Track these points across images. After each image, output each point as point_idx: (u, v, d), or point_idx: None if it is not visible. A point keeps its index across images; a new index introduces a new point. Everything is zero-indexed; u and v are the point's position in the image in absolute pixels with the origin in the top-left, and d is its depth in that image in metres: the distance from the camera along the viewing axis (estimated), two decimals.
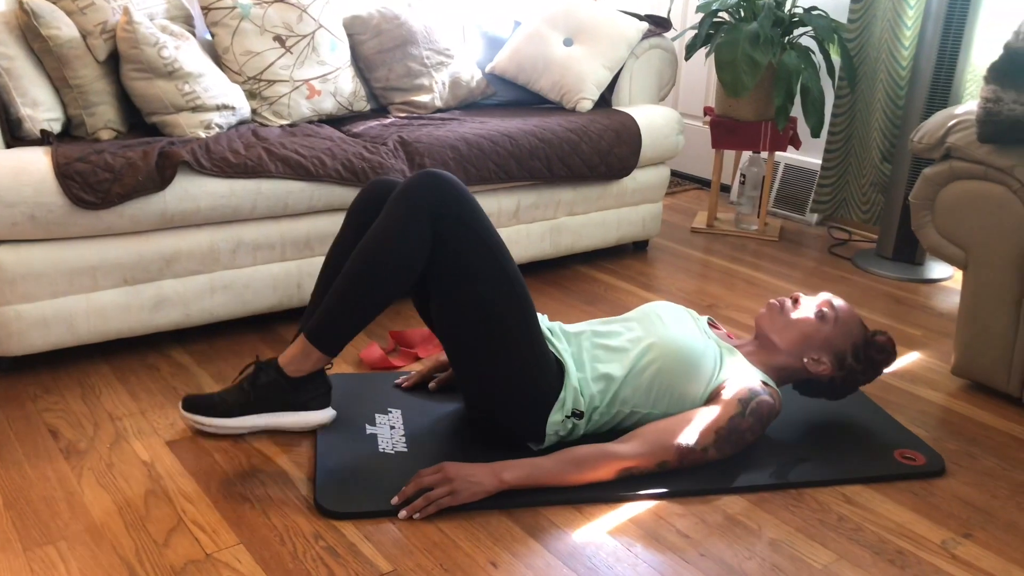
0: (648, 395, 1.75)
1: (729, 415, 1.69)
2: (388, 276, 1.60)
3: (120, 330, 2.08)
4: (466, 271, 1.61)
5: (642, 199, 2.94)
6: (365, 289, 1.61)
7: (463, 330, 1.66)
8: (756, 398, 1.71)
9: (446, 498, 1.57)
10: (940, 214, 2.09)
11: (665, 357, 1.74)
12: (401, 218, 1.60)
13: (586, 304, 2.60)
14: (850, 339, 1.83)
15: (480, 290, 1.62)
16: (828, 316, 1.83)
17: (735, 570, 1.48)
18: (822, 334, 1.82)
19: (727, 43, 2.89)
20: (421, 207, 1.60)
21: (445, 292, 1.64)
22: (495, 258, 1.63)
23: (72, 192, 1.90)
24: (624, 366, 1.75)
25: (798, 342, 1.82)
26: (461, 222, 1.62)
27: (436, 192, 1.61)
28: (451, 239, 1.61)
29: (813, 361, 1.82)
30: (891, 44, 3.08)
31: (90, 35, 2.15)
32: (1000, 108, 1.89)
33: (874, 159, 3.21)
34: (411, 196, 1.61)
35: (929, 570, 1.50)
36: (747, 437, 1.71)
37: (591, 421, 1.76)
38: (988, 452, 1.89)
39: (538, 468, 1.62)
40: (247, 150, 2.14)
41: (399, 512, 1.57)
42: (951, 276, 2.96)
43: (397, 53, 2.67)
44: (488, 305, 1.62)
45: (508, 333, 1.64)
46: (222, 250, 2.15)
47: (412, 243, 1.59)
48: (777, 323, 1.85)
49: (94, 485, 1.64)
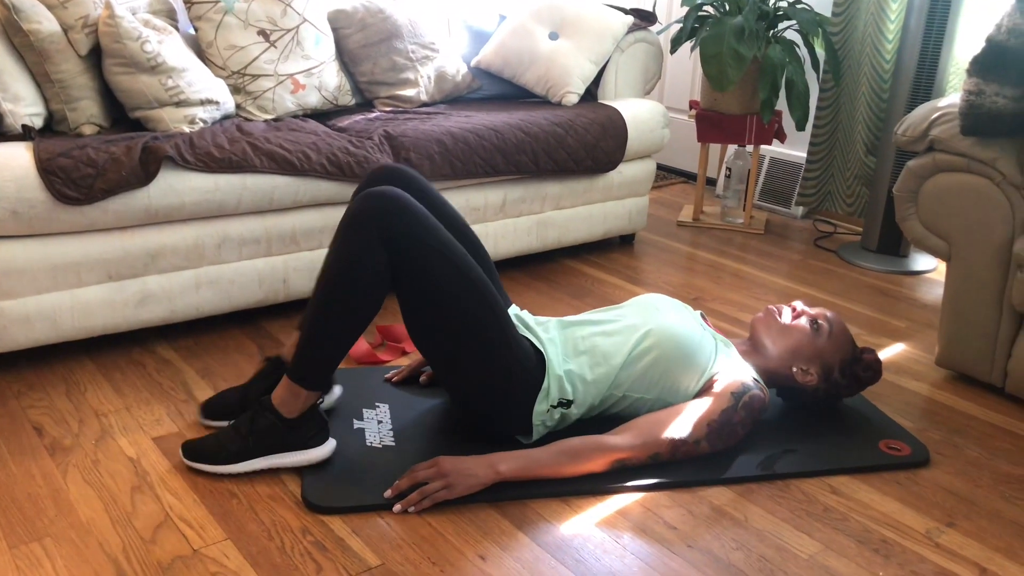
0: (642, 381, 1.76)
1: (722, 408, 1.70)
2: (353, 307, 1.58)
3: (105, 326, 2.07)
4: (425, 282, 1.60)
5: (628, 193, 2.94)
6: (333, 323, 1.58)
7: (431, 335, 1.66)
8: (748, 392, 1.72)
9: (442, 492, 1.58)
10: (924, 206, 2.11)
11: (663, 344, 1.75)
12: (354, 249, 1.57)
13: (573, 298, 2.60)
14: (840, 354, 1.86)
15: (441, 298, 1.61)
16: (823, 329, 1.85)
17: (722, 561, 1.49)
18: (814, 345, 1.84)
19: (712, 37, 2.89)
20: (370, 235, 1.56)
21: (408, 303, 1.64)
22: (452, 264, 1.61)
23: (55, 188, 1.89)
24: (622, 352, 1.76)
25: (790, 350, 1.84)
26: (412, 238, 1.59)
27: (382, 215, 1.57)
28: (406, 257, 1.59)
29: (801, 371, 1.84)
30: (875, 38, 3.09)
31: (72, 29, 2.13)
32: (982, 101, 1.90)
33: (859, 152, 3.23)
34: (358, 224, 1.57)
35: (913, 559, 1.52)
36: (739, 431, 1.72)
37: (585, 407, 1.76)
38: (972, 442, 1.90)
39: (533, 460, 1.63)
40: (232, 145, 2.13)
41: (394, 506, 1.57)
42: (935, 268, 2.98)
43: (382, 47, 2.66)
44: (451, 310, 1.62)
45: (475, 332, 1.64)
46: (207, 245, 2.14)
47: (369, 272, 1.57)
48: (772, 328, 1.87)
49: (79, 482, 1.64)
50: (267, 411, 1.64)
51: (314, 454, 1.66)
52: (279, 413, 1.63)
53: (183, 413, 1.88)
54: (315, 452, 1.67)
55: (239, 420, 1.67)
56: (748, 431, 1.75)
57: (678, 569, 1.46)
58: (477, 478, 1.59)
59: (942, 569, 1.49)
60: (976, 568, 1.50)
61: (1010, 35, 1.85)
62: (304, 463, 1.66)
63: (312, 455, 1.66)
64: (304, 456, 1.66)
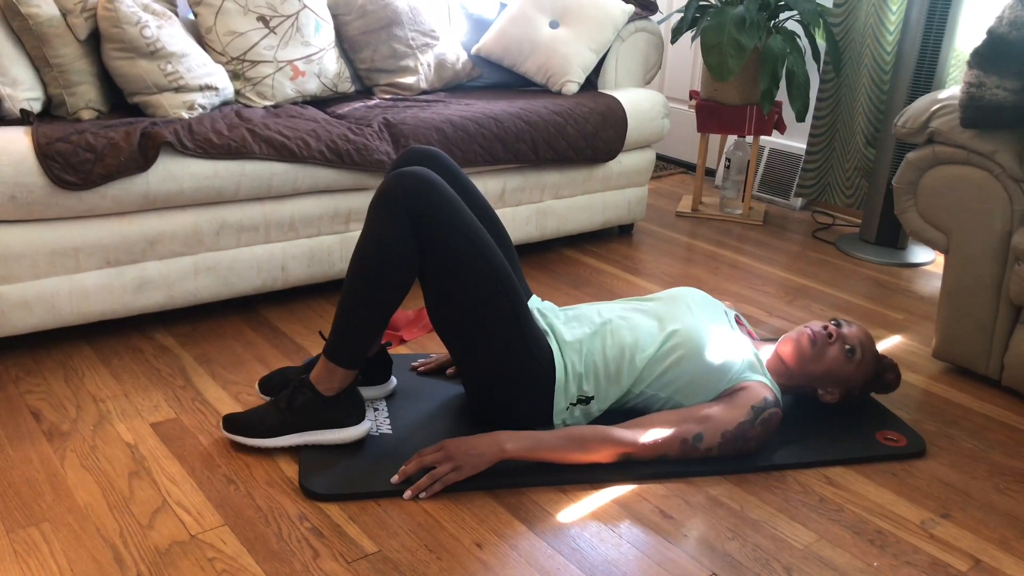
0: (662, 380, 1.75)
1: (739, 420, 1.68)
2: (383, 286, 1.60)
3: (103, 312, 2.07)
4: (448, 263, 1.61)
5: (627, 183, 2.94)
6: (365, 302, 1.61)
7: (449, 318, 1.67)
8: (768, 408, 1.70)
9: (451, 475, 1.59)
10: (923, 198, 2.11)
11: (688, 346, 1.73)
12: (382, 227, 1.59)
13: (572, 288, 2.60)
14: (865, 377, 1.84)
15: (463, 281, 1.62)
16: (855, 357, 1.80)
17: (717, 550, 1.50)
18: (845, 372, 1.81)
19: (713, 26, 2.88)
20: (398, 213, 1.58)
21: (429, 283, 1.65)
22: (476, 248, 1.62)
23: (53, 172, 1.88)
24: (648, 350, 1.74)
25: (819, 375, 1.81)
26: (440, 221, 1.60)
27: (411, 195, 1.59)
28: (431, 236, 1.60)
29: (826, 392, 1.83)
30: (876, 29, 3.08)
31: (70, 13, 2.12)
32: (983, 93, 1.90)
33: (858, 144, 3.23)
34: (388, 202, 1.59)
35: (908, 549, 1.52)
36: (751, 445, 1.71)
37: (608, 402, 1.76)
38: (967, 434, 1.91)
39: (540, 442, 1.63)
40: (230, 131, 2.12)
41: (404, 492, 1.58)
42: (933, 260, 2.98)
43: (382, 34, 2.65)
44: (470, 294, 1.63)
45: (492, 318, 1.65)
46: (205, 232, 2.14)
47: (398, 252, 1.59)
48: (807, 353, 1.80)
49: (77, 467, 1.64)
50: (305, 388, 1.67)
51: (348, 433, 1.69)
52: (317, 390, 1.66)
53: (181, 399, 1.88)
54: (350, 432, 1.69)
55: (279, 396, 1.70)
56: (760, 446, 1.74)
57: (674, 558, 1.47)
58: (483, 456, 1.60)
59: (936, 560, 1.50)
60: (970, 559, 1.51)
61: (1011, 27, 1.85)
62: (338, 441, 1.69)
63: (348, 434, 1.69)
64: (339, 435, 1.69)
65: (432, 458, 1.61)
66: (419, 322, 2.28)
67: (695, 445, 1.67)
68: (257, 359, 2.08)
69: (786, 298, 2.61)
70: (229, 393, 1.92)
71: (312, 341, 2.18)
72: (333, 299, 2.43)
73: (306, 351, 2.13)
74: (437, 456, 1.61)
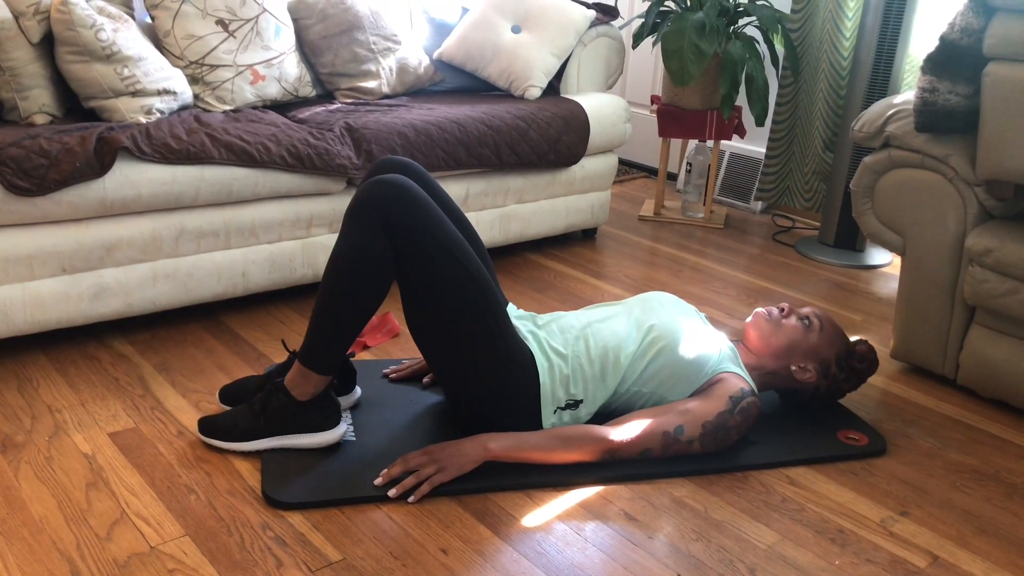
0: (645, 376, 1.76)
1: (718, 410, 1.71)
2: (358, 295, 1.60)
3: (59, 320, 2.03)
4: (425, 271, 1.61)
5: (590, 187, 2.95)
6: (337, 308, 1.61)
7: (427, 326, 1.67)
8: (746, 398, 1.73)
9: (437, 475, 1.59)
10: (879, 201, 2.14)
11: (667, 340, 1.75)
12: (359, 234, 1.59)
13: (536, 292, 2.60)
14: (834, 348, 1.87)
15: (439, 288, 1.62)
16: (814, 325, 1.86)
17: (682, 551, 1.51)
18: (808, 341, 1.85)
19: (674, 32, 2.91)
20: (375, 220, 1.58)
21: (407, 291, 1.65)
22: (452, 255, 1.62)
23: (6, 178, 1.84)
24: (629, 348, 1.75)
25: (785, 348, 1.85)
26: (416, 229, 1.60)
27: (388, 202, 1.59)
28: (407, 244, 1.60)
29: (800, 369, 1.85)
30: (833, 35, 3.14)
31: (23, 16, 2.08)
32: (936, 98, 1.94)
33: (817, 148, 3.27)
34: (364, 210, 1.59)
35: (868, 547, 1.55)
36: (732, 435, 1.73)
37: (597, 404, 1.76)
38: (925, 432, 1.94)
39: (524, 441, 1.64)
40: (189, 136, 2.10)
41: (389, 491, 1.58)
42: (891, 262, 3.04)
43: (343, 38, 2.64)
44: (448, 301, 1.62)
45: (471, 325, 1.64)
46: (164, 238, 2.11)
47: (374, 259, 1.58)
48: (764, 329, 1.87)
49: (32, 479, 1.60)
50: (280, 392, 1.67)
51: (325, 437, 1.70)
52: (291, 395, 1.66)
53: (140, 408, 1.85)
54: (326, 435, 1.70)
55: (253, 400, 1.70)
56: (741, 436, 1.76)
57: (639, 560, 1.48)
58: (468, 456, 1.61)
59: (895, 557, 1.53)
60: (928, 556, 1.54)
61: (963, 34, 1.89)
62: (315, 445, 1.70)
63: (324, 438, 1.70)
64: (315, 439, 1.69)
65: (417, 461, 1.61)
66: (383, 327, 2.27)
67: (676, 437, 1.69)
68: (218, 366, 2.05)
69: (747, 300, 2.64)
70: (189, 401, 1.89)
71: (274, 348, 2.16)
72: (295, 305, 2.41)
73: (268, 358, 2.10)
74: (422, 459, 1.61)
